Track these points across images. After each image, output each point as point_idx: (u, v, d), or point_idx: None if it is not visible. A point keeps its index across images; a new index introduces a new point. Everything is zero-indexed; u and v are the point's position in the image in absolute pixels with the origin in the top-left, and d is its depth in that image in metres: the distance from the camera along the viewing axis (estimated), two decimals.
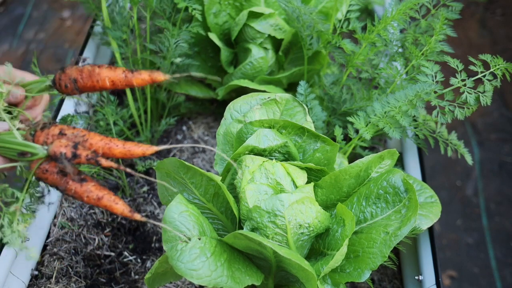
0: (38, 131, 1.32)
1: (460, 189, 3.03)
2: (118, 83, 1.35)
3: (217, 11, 2.14)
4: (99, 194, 1.27)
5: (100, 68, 1.35)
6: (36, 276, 1.75)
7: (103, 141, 1.28)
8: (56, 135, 1.30)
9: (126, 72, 1.35)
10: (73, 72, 1.37)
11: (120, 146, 1.27)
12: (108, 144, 1.27)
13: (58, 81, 1.38)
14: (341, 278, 1.38)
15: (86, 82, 1.36)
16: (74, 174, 1.26)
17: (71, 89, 1.37)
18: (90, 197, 1.27)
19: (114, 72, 1.35)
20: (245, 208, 1.38)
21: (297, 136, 1.51)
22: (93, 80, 1.35)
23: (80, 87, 1.37)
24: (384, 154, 1.47)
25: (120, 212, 1.27)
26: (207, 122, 2.34)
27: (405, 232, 1.33)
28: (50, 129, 1.31)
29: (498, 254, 2.77)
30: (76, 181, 1.27)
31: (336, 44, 1.91)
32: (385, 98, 1.68)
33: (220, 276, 1.28)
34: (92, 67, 1.36)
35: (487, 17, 3.89)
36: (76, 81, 1.36)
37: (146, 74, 1.35)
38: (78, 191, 1.27)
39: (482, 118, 3.34)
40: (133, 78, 1.34)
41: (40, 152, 1.27)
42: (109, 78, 1.34)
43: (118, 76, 1.35)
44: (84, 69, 1.37)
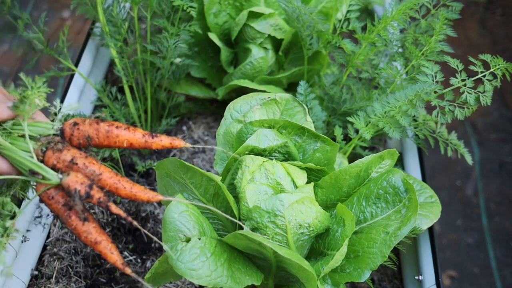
0: (49, 151, 1.28)
1: (460, 189, 3.03)
2: (136, 145, 1.32)
3: (217, 11, 2.14)
4: (98, 238, 1.27)
5: (119, 130, 1.31)
6: (36, 276, 1.75)
7: (112, 180, 1.26)
8: (67, 162, 1.26)
9: (146, 136, 1.31)
10: (89, 129, 1.31)
11: (128, 189, 1.27)
12: (116, 184, 1.27)
13: (70, 136, 1.31)
14: (341, 278, 1.38)
15: (102, 142, 1.31)
16: (78, 210, 1.25)
17: (84, 146, 1.32)
18: (88, 238, 1.26)
19: (133, 134, 1.31)
20: (245, 208, 1.38)
21: (297, 136, 1.51)
22: (110, 141, 1.31)
23: (95, 145, 1.32)
24: (384, 154, 1.47)
25: (113, 262, 1.27)
26: (207, 122, 2.34)
27: (405, 232, 1.33)
28: (63, 152, 1.28)
29: (498, 254, 2.77)
30: (79, 219, 1.26)
31: (336, 44, 1.91)
32: (385, 98, 1.68)
33: (220, 276, 1.28)
34: (109, 126, 1.31)
35: (487, 17, 3.89)
36: (91, 138, 1.31)
37: (167, 141, 1.32)
38: (78, 228, 1.26)
39: (482, 118, 3.34)
40: (153, 143, 1.31)
41: (53, 179, 1.25)
42: (128, 141, 1.31)
43: (138, 140, 1.31)
44: (100, 127, 1.31)
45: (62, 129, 1.33)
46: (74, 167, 1.26)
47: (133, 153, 2.18)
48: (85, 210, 1.26)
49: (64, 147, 1.29)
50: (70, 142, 1.32)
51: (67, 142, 1.32)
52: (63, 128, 1.33)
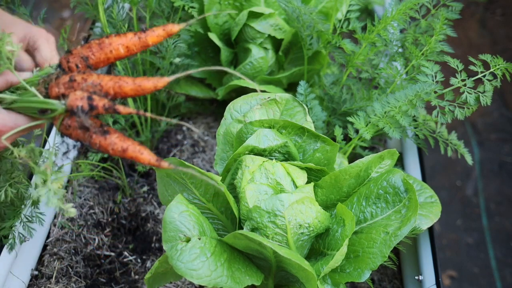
0: (51, 84, 1.26)
1: (460, 189, 3.03)
2: (133, 47, 1.27)
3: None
4: (124, 145, 1.22)
5: (109, 38, 1.27)
6: (36, 276, 1.75)
7: (113, 81, 1.22)
8: (66, 82, 1.23)
9: (138, 33, 1.27)
10: (81, 50, 1.28)
11: (130, 83, 1.21)
12: (118, 83, 1.22)
13: (66, 64, 1.29)
14: (341, 278, 1.38)
15: (99, 56, 1.28)
16: (95, 127, 1.22)
17: (83, 68, 1.28)
18: (115, 149, 1.22)
19: (125, 37, 1.27)
20: (245, 208, 1.38)
21: (297, 136, 1.51)
22: (106, 52, 1.27)
23: (93, 63, 1.28)
24: (384, 154, 1.47)
25: (147, 162, 1.22)
26: (207, 122, 2.34)
27: (405, 232, 1.33)
28: (61, 77, 1.25)
29: (498, 254, 2.77)
30: (99, 134, 1.22)
31: (336, 44, 1.91)
32: (385, 98, 1.68)
33: (220, 276, 1.28)
34: (100, 39, 1.28)
35: (487, 17, 3.89)
36: (87, 58, 1.28)
37: (159, 29, 1.27)
38: (103, 144, 1.22)
39: (482, 118, 3.34)
40: (147, 37, 1.26)
41: (59, 107, 1.22)
42: (123, 45, 1.26)
43: (131, 40, 1.26)
44: (92, 44, 1.28)
45: (60, 62, 1.30)
46: (74, 84, 1.23)
47: None
48: (104, 125, 1.23)
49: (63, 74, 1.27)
50: (69, 69, 1.29)
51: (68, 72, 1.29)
52: (60, 61, 1.30)
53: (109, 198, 2.01)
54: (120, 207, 1.98)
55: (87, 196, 2.00)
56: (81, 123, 1.21)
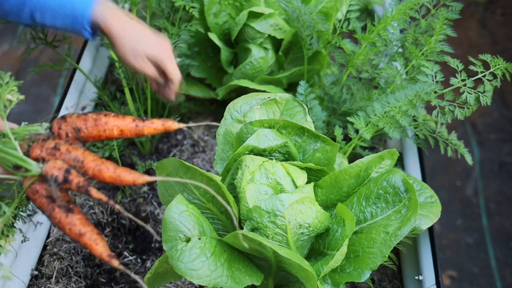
0: (35, 143, 1.24)
1: (460, 189, 3.03)
2: (127, 132, 1.26)
3: (217, 11, 2.14)
4: (82, 230, 1.20)
5: (107, 117, 1.26)
6: (36, 276, 1.75)
7: (95, 162, 1.20)
8: (50, 148, 1.22)
9: (136, 121, 1.26)
10: (76, 120, 1.27)
11: (111, 171, 1.20)
12: (99, 166, 1.20)
13: (57, 130, 1.27)
14: (341, 278, 1.38)
15: (91, 132, 1.26)
16: (61, 201, 1.20)
17: (72, 139, 1.27)
18: (72, 230, 1.20)
19: (123, 120, 1.26)
20: (245, 208, 1.38)
21: (297, 136, 1.51)
22: (99, 130, 1.26)
23: (84, 136, 1.27)
24: (384, 154, 1.47)
25: (98, 254, 1.20)
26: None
27: (405, 232, 1.33)
28: (47, 141, 1.24)
29: (498, 254, 2.77)
30: (62, 210, 1.20)
31: (336, 44, 1.91)
32: (385, 98, 1.68)
33: (220, 276, 1.28)
34: (97, 115, 1.27)
35: (487, 17, 3.89)
36: (79, 130, 1.26)
37: (159, 123, 1.26)
38: (62, 221, 1.21)
39: (482, 118, 3.34)
40: (144, 127, 1.26)
41: (34, 169, 1.20)
42: (118, 128, 1.25)
43: (128, 125, 1.26)
44: (88, 117, 1.27)
45: (51, 125, 1.29)
46: (57, 153, 1.21)
47: (133, 153, 2.18)
48: (71, 202, 1.21)
49: (50, 138, 1.25)
50: (59, 136, 1.28)
51: (57, 137, 1.28)
52: (52, 124, 1.29)
53: (109, 198, 2.01)
54: (120, 207, 1.98)
55: (87, 196, 2.00)
56: (50, 193, 1.19)
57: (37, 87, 3.32)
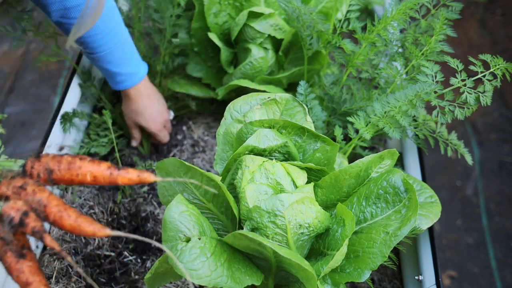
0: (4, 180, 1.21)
1: (460, 189, 3.03)
2: (101, 179, 1.23)
3: (217, 11, 2.14)
4: (29, 279, 1.16)
5: (82, 161, 1.23)
6: None
7: (58, 208, 1.17)
8: (16, 187, 1.19)
9: (111, 168, 1.23)
10: (50, 161, 1.24)
11: (72, 219, 1.17)
12: (61, 213, 1.17)
13: (30, 169, 1.24)
14: (341, 278, 1.38)
15: (64, 175, 1.23)
16: (15, 245, 1.16)
17: (44, 180, 1.24)
18: (20, 278, 1.16)
19: (98, 167, 1.23)
20: (245, 208, 1.38)
21: (297, 136, 1.51)
22: (72, 174, 1.23)
23: (56, 179, 1.24)
24: (384, 154, 1.47)
25: None
26: (207, 122, 2.34)
27: (405, 232, 1.33)
28: (15, 179, 1.20)
29: (498, 254, 2.77)
30: (14, 255, 1.16)
31: (336, 44, 1.91)
32: (385, 98, 1.68)
33: (220, 276, 1.28)
34: (72, 158, 1.24)
35: (487, 17, 3.89)
36: (52, 171, 1.23)
37: (134, 173, 1.23)
38: (12, 266, 1.16)
39: (482, 118, 3.34)
40: (118, 176, 1.23)
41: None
42: (91, 174, 1.22)
43: (102, 172, 1.23)
44: (63, 159, 1.24)
45: (25, 163, 1.26)
46: (22, 192, 1.18)
47: (133, 153, 2.18)
48: (25, 247, 1.17)
49: (19, 177, 1.23)
50: (31, 175, 1.24)
51: (28, 176, 1.24)
52: (26, 162, 1.26)
53: (109, 198, 2.01)
54: (120, 207, 1.98)
55: (87, 196, 2.00)
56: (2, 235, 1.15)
57: (37, 87, 3.32)
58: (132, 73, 1.93)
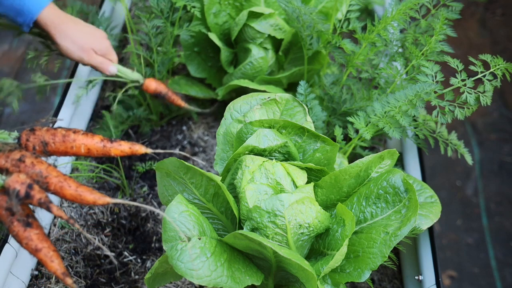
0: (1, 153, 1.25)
1: (460, 189, 3.03)
2: (94, 151, 1.27)
3: (217, 11, 2.14)
4: (38, 245, 1.21)
5: (76, 134, 1.28)
6: (36, 276, 1.75)
7: (58, 179, 1.22)
8: (15, 160, 1.22)
9: (105, 141, 1.28)
10: (45, 134, 1.28)
11: (73, 189, 1.21)
12: (61, 183, 1.21)
13: (25, 142, 1.28)
14: (341, 278, 1.38)
15: (59, 147, 1.27)
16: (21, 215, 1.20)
17: (39, 152, 1.28)
18: (29, 245, 1.21)
19: (91, 139, 1.28)
20: (245, 208, 1.38)
21: (297, 136, 1.51)
22: (67, 146, 1.27)
23: (51, 151, 1.28)
24: (384, 154, 1.47)
25: (53, 271, 1.21)
26: (207, 122, 2.34)
27: (405, 232, 1.33)
28: (13, 152, 1.24)
29: (498, 254, 2.77)
30: (21, 224, 1.21)
31: (336, 44, 1.91)
32: (385, 98, 1.68)
33: (220, 276, 1.28)
34: (66, 131, 1.28)
35: (487, 17, 3.89)
36: (47, 144, 1.27)
37: (126, 145, 1.28)
38: (20, 234, 1.21)
39: (482, 118, 3.34)
40: (111, 148, 1.28)
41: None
42: (85, 146, 1.27)
43: (96, 144, 1.27)
44: (57, 132, 1.28)
45: (20, 135, 1.30)
46: (21, 165, 1.22)
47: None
48: (30, 216, 1.21)
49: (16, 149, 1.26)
50: (26, 148, 1.28)
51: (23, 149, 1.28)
52: (21, 135, 1.30)
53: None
54: (120, 207, 1.98)
55: None
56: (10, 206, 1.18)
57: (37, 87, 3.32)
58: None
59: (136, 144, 1.29)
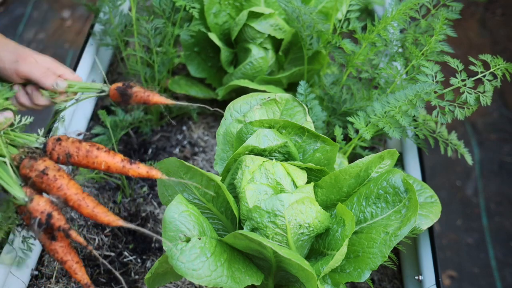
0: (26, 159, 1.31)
1: (460, 189, 3.03)
2: (113, 169, 1.33)
3: (217, 11, 2.14)
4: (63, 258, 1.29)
5: (99, 151, 1.33)
6: (36, 276, 1.75)
7: (77, 196, 1.27)
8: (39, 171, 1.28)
9: (125, 161, 1.33)
10: (70, 145, 1.34)
11: (90, 208, 1.26)
12: (79, 201, 1.27)
13: (51, 150, 1.34)
14: (341, 278, 1.38)
15: (81, 160, 1.33)
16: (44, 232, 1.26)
17: (62, 162, 1.34)
18: (56, 257, 1.29)
19: (112, 158, 1.33)
20: (245, 208, 1.38)
21: (297, 136, 1.51)
22: (89, 161, 1.33)
23: (73, 162, 1.34)
24: (384, 154, 1.47)
25: (78, 280, 1.29)
26: (207, 122, 2.34)
27: (405, 232, 1.33)
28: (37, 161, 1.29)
29: (498, 254, 2.77)
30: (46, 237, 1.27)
31: (336, 44, 1.91)
32: (385, 98, 1.68)
33: (220, 276, 1.28)
34: (91, 146, 1.34)
35: (487, 17, 3.89)
36: (71, 156, 1.33)
37: (144, 169, 1.33)
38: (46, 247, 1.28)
39: (482, 118, 3.34)
40: (130, 169, 1.33)
41: (21, 201, 1.26)
42: (106, 163, 1.32)
43: (116, 163, 1.33)
44: (82, 146, 1.34)
45: (46, 143, 1.36)
46: (44, 177, 1.27)
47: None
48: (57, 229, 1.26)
49: (40, 158, 1.31)
50: (50, 156, 1.35)
51: (48, 156, 1.34)
52: (47, 142, 1.36)
53: (109, 199, 2.01)
54: (120, 207, 1.99)
55: None
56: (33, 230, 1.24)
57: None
58: None
59: (153, 169, 1.34)
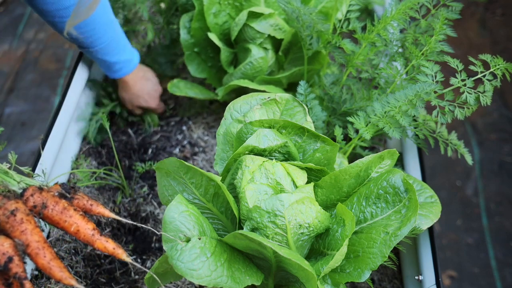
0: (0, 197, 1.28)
1: (460, 189, 3.03)
2: (81, 235, 1.30)
3: (217, 11, 2.14)
4: None
5: (75, 212, 1.31)
6: (36, 276, 1.75)
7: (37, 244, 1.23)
8: (8, 211, 1.25)
9: (95, 231, 1.30)
10: (49, 199, 1.31)
11: (46, 260, 1.23)
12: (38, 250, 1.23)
13: (29, 196, 1.31)
14: (341, 278, 1.38)
15: (53, 216, 1.30)
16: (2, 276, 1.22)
17: (36, 212, 1.31)
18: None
19: (85, 224, 1.30)
20: (245, 208, 1.38)
21: (297, 136, 1.51)
22: (61, 218, 1.30)
23: (45, 215, 1.31)
24: (384, 154, 1.47)
25: None
26: (207, 122, 2.34)
27: (405, 232, 1.33)
28: (9, 201, 1.27)
29: (498, 254, 2.77)
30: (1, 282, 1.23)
31: (336, 44, 1.91)
32: (385, 98, 1.68)
33: (220, 276, 1.28)
34: (68, 205, 1.31)
35: (487, 17, 3.89)
36: (46, 207, 1.30)
37: (111, 245, 1.30)
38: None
39: (482, 118, 3.34)
40: (97, 240, 1.30)
41: None
42: (77, 226, 1.30)
43: (86, 230, 1.30)
44: (60, 202, 1.31)
45: (26, 188, 1.33)
46: (11, 218, 1.24)
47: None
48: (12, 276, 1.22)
49: (14, 199, 1.28)
50: (26, 201, 1.31)
51: (22, 201, 1.31)
52: (27, 189, 1.32)
53: (109, 199, 2.01)
54: (120, 207, 1.99)
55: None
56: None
57: (37, 87, 3.32)
58: (128, 60, 2.03)
59: (120, 248, 1.31)
